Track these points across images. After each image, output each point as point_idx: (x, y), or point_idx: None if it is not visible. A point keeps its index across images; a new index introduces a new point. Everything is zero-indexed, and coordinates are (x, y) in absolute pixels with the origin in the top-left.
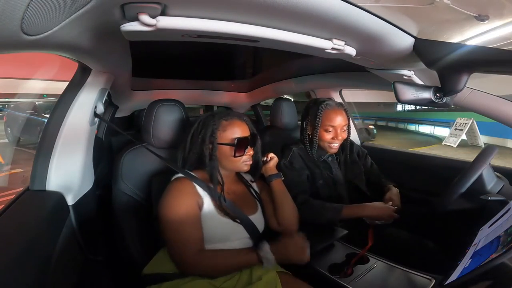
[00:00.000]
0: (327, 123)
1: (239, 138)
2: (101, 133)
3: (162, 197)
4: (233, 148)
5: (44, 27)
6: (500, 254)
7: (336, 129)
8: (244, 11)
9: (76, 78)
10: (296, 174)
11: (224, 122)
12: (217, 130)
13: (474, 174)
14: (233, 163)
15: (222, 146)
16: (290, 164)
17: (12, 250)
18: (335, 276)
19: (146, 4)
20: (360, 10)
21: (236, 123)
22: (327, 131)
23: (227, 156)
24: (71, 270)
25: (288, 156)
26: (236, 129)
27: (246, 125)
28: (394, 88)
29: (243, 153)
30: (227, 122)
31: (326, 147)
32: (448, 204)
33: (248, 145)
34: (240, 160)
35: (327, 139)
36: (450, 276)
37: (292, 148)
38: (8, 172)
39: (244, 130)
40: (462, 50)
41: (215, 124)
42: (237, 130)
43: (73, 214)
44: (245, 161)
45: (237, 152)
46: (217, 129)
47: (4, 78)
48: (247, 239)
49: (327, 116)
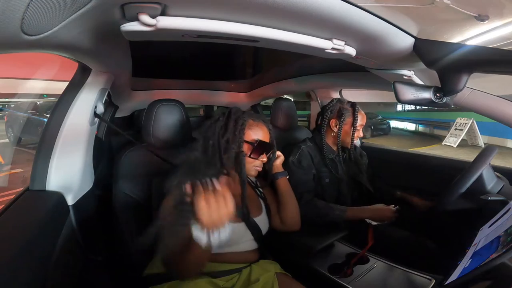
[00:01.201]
0: (361, 122)
1: (260, 140)
2: (101, 133)
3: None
4: (251, 148)
5: (44, 27)
6: (500, 254)
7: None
8: (244, 11)
9: (76, 78)
10: (303, 172)
11: (251, 121)
12: (244, 126)
13: (474, 174)
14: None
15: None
16: (298, 162)
17: (12, 250)
18: (335, 276)
19: (146, 4)
20: (360, 10)
21: (262, 126)
22: (356, 130)
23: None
24: (71, 270)
25: (296, 154)
26: (260, 131)
27: (268, 132)
28: (394, 88)
29: (258, 156)
30: (255, 123)
31: (348, 142)
32: (448, 204)
33: (265, 150)
34: (252, 163)
35: (354, 136)
36: (450, 276)
37: (301, 146)
38: (8, 172)
39: (266, 135)
40: (462, 50)
41: (245, 120)
42: (260, 132)
43: (73, 214)
44: (256, 166)
45: (253, 153)
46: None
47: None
48: (252, 241)
49: (361, 118)
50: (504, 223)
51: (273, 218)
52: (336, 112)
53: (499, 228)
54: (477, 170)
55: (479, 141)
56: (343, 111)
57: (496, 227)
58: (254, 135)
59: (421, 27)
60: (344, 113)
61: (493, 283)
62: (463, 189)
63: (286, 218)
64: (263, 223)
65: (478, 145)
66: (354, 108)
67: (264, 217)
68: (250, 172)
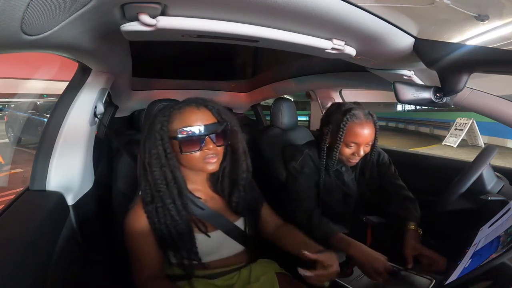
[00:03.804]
0: (351, 139)
1: (183, 128)
2: (101, 133)
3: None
4: (177, 143)
5: (44, 27)
6: (500, 254)
7: (359, 146)
8: (244, 11)
9: (76, 78)
10: (305, 179)
11: (175, 112)
12: (167, 123)
13: (474, 174)
14: (190, 162)
15: (173, 141)
16: (300, 168)
17: (12, 250)
18: None
19: (146, 4)
20: (360, 10)
21: (188, 111)
22: (348, 146)
23: (177, 153)
24: (71, 270)
25: (298, 159)
26: (186, 118)
27: (206, 112)
28: (394, 88)
29: (198, 147)
30: (177, 111)
31: (343, 160)
32: (448, 204)
33: (204, 136)
34: (195, 158)
35: (347, 154)
36: (450, 276)
37: (304, 151)
38: (8, 172)
39: (199, 118)
40: (462, 50)
41: (164, 115)
42: (186, 120)
43: (73, 214)
44: (205, 159)
45: (184, 146)
46: (167, 121)
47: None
48: (235, 244)
49: (352, 131)
50: (504, 223)
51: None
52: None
53: (499, 228)
54: (477, 170)
55: (479, 141)
56: (331, 118)
57: (496, 227)
58: (177, 125)
59: (421, 27)
60: (331, 121)
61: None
62: (463, 189)
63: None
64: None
65: (478, 145)
66: (343, 117)
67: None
68: (204, 168)
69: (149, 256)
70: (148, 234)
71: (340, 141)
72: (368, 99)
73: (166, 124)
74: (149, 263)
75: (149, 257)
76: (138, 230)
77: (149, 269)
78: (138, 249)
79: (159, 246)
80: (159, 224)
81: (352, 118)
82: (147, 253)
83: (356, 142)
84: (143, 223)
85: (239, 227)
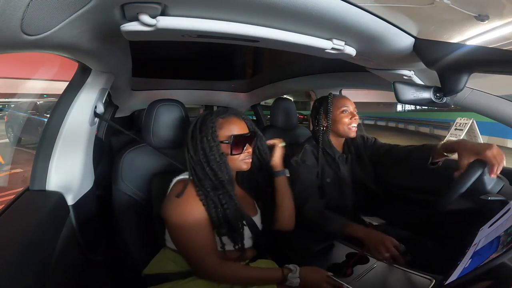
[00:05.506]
0: (341, 106)
1: (235, 135)
2: (101, 133)
3: (167, 200)
4: (229, 146)
5: (44, 27)
6: (500, 254)
7: (351, 111)
8: (244, 11)
9: (76, 78)
10: (308, 171)
11: (221, 120)
12: (216, 128)
13: (474, 174)
14: (231, 162)
15: (222, 144)
16: (302, 162)
17: (12, 250)
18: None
19: (146, 4)
20: (360, 10)
21: (233, 121)
22: (344, 113)
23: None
24: (71, 270)
25: (300, 153)
26: (232, 126)
27: (244, 122)
28: (394, 88)
29: (241, 151)
30: (224, 120)
31: (346, 130)
32: (448, 204)
33: (246, 142)
34: (238, 158)
35: (345, 121)
36: (450, 276)
37: (304, 145)
38: (8, 172)
39: (241, 127)
40: (462, 50)
41: (213, 122)
42: (233, 127)
43: (73, 214)
44: (243, 159)
45: (234, 149)
46: (216, 127)
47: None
48: (249, 239)
49: (339, 102)
50: (504, 223)
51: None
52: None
53: (499, 228)
54: (477, 170)
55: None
56: (319, 106)
57: (496, 227)
58: (227, 132)
59: (421, 27)
60: (323, 106)
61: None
62: (463, 189)
63: (279, 217)
64: (259, 223)
65: None
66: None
67: (259, 218)
68: (241, 167)
69: (212, 242)
70: (207, 222)
71: (330, 112)
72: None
73: (215, 130)
74: (214, 248)
75: (212, 242)
76: (196, 218)
77: (216, 254)
78: (200, 238)
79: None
80: (218, 210)
81: (334, 96)
82: (210, 239)
83: (347, 106)
84: (201, 210)
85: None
